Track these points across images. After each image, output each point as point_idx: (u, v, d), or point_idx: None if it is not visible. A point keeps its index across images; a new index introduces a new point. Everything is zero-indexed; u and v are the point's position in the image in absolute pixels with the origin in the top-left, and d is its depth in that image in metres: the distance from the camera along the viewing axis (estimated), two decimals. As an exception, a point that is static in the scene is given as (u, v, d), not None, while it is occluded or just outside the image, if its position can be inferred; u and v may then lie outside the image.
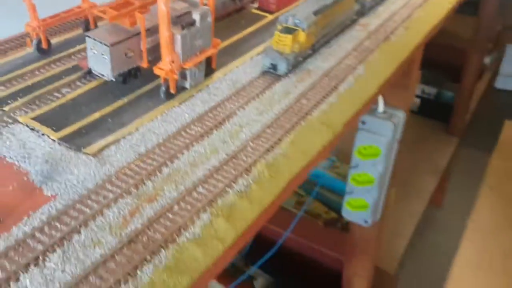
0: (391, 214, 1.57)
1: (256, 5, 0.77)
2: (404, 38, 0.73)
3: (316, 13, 0.59)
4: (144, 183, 0.43)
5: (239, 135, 0.50)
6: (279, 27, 0.58)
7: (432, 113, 2.07)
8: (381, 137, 0.82)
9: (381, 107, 0.82)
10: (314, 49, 0.62)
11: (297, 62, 0.59)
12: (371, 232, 0.96)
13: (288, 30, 0.57)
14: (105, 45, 0.49)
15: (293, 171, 0.46)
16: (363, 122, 0.83)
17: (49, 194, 0.41)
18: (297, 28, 0.57)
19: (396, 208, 1.60)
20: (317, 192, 1.51)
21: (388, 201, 0.94)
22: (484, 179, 2.25)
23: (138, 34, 0.51)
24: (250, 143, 0.49)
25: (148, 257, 0.36)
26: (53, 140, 0.47)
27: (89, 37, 0.49)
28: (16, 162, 0.44)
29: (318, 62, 0.64)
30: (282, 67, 0.57)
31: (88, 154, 0.45)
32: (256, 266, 1.12)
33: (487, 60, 2.32)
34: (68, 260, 0.35)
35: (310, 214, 1.43)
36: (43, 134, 0.47)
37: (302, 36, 0.58)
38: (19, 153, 0.45)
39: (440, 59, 2.08)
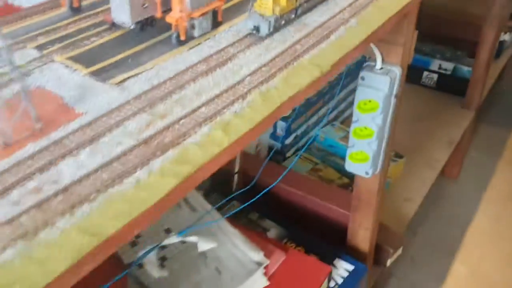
0: (402, 181, 1.64)
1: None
2: (396, -4, 0.80)
3: None
4: (157, 105, 0.52)
5: (239, 72, 0.59)
6: None
7: (448, 88, 2.10)
8: (378, 91, 0.89)
9: (379, 63, 0.89)
10: (296, 13, 0.69)
11: (278, 25, 0.65)
12: (372, 184, 1.03)
13: None
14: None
15: (282, 99, 0.55)
16: (362, 78, 0.90)
17: (80, 112, 0.51)
18: None
19: (408, 175, 1.66)
20: (331, 160, 1.59)
21: (387, 155, 1.01)
22: (502, 154, 2.27)
23: (153, -12, 0.60)
24: (248, 78, 0.57)
25: (159, 153, 0.45)
26: (83, 75, 0.56)
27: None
28: (54, 90, 0.54)
29: (315, 16, 0.72)
30: (263, 29, 0.63)
31: (111, 83, 0.55)
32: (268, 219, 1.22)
33: (506, 37, 2.32)
34: (96, 154, 0.45)
35: (324, 179, 1.51)
36: (75, 70, 0.57)
37: (282, 1, 0.64)
38: (56, 83, 0.55)
39: (457, 36, 2.11)
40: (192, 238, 0.92)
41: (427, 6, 1.21)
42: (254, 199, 1.00)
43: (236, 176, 1.32)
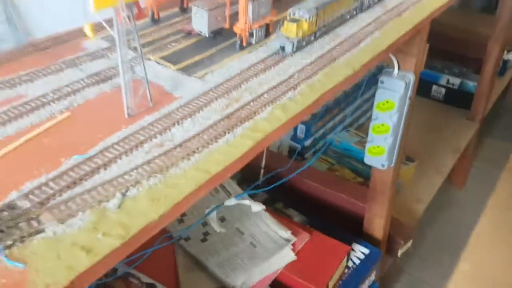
0: (413, 183, 1.79)
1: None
2: (412, 14, 0.98)
3: (317, 8, 0.81)
4: (231, 92, 0.70)
5: (289, 69, 0.76)
6: (288, 17, 0.79)
7: (455, 101, 2.26)
8: (395, 93, 1.06)
9: (396, 70, 1.07)
10: (315, 36, 0.84)
11: (300, 45, 0.80)
12: (387, 176, 1.20)
13: (294, 20, 0.79)
14: (205, 10, 0.76)
15: (325, 89, 0.72)
16: (382, 82, 1.08)
17: (177, 96, 0.68)
18: (301, 18, 0.79)
19: (418, 179, 1.82)
20: (346, 161, 1.76)
21: (401, 151, 1.17)
22: (505, 165, 2.43)
23: (225, 4, 0.78)
24: (296, 74, 0.75)
25: (239, 123, 0.63)
26: (173, 70, 0.74)
27: (195, 5, 0.77)
28: (154, 81, 0.71)
29: (346, 29, 0.90)
30: (288, 49, 0.79)
31: (196, 77, 0.73)
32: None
33: (510, 56, 2.49)
34: (195, 123, 0.62)
35: (340, 179, 1.67)
36: (166, 67, 0.75)
37: (305, 25, 0.80)
38: (155, 76, 0.72)
39: (465, 53, 2.28)
40: (246, 202, 1.08)
41: (437, 24, 1.37)
42: (278, 183, 1.16)
43: (262, 170, 1.49)
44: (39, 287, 0.40)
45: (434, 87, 2.32)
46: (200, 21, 0.78)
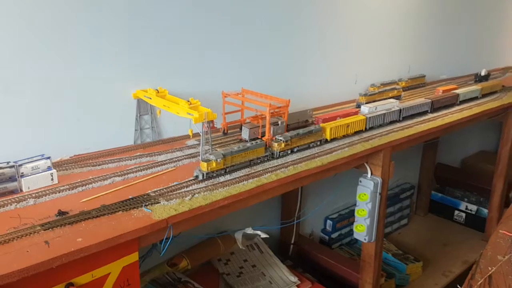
0: (419, 281, 2.21)
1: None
2: (376, 142, 1.63)
3: (224, 155, 1.33)
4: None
5: (287, 163, 1.44)
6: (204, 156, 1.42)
7: (473, 225, 2.69)
8: (368, 189, 1.66)
9: (369, 174, 1.68)
10: (226, 171, 1.35)
11: (209, 176, 1.31)
12: (371, 248, 1.72)
13: (206, 160, 1.34)
14: (248, 129, 1.50)
15: (303, 169, 1.38)
16: (360, 181, 1.69)
17: (226, 166, 1.39)
18: (211, 160, 1.33)
19: (425, 277, 2.25)
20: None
21: (379, 230, 1.71)
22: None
23: (258, 126, 1.52)
24: (291, 163, 1.43)
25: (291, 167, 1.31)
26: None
27: (244, 126, 1.51)
28: (216, 159, 1.44)
29: (329, 145, 1.57)
30: (200, 177, 1.31)
31: (237, 159, 1.44)
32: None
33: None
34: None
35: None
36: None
37: (214, 164, 1.33)
38: (217, 157, 1.45)
39: (480, 186, 2.77)
40: (258, 232, 1.66)
41: (458, 162, 1.89)
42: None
43: (291, 246, 2.07)
44: (155, 219, 1.08)
45: (456, 212, 2.78)
46: (245, 134, 1.52)
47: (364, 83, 2.33)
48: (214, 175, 1.29)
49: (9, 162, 1.14)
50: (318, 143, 1.55)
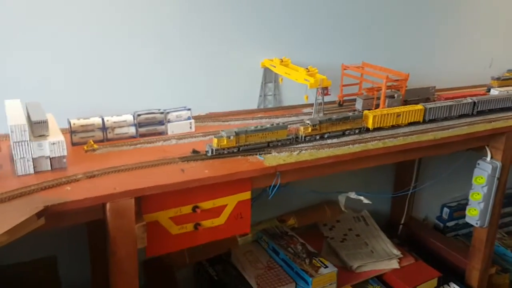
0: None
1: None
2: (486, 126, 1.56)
3: (237, 132, 1.28)
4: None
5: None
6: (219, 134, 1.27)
7: None
8: (486, 172, 1.60)
9: (488, 158, 1.62)
10: (239, 149, 1.30)
11: (219, 153, 1.27)
12: (483, 234, 1.66)
13: (219, 137, 1.25)
14: (362, 99, 1.57)
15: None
16: (478, 164, 1.63)
17: (336, 131, 1.49)
18: (223, 136, 1.28)
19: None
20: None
21: (493, 215, 1.64)
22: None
23: (373, 98, 1.57)
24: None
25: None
26: (339, 123, 1.56)
27: (358, 97, 1.59)
28: (329, 125, 1.54)
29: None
30: (209, 152, 1.29)
31: (349, 126, 1.52)
32: None
33: None
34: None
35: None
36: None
37: (224, 140, 1.29)
38: (330, 123, 1.55)
39: None
40: (361, 197, 1.71)
41: None
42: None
43: (401, 226, 2.08)
44: (265, 165, 1.23)
45: None
46: (359, 104, 1.59)
47: (499, 68, 2.18)
48: (318, 138, 1.40)
49: (160, 109, 1.40)
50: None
